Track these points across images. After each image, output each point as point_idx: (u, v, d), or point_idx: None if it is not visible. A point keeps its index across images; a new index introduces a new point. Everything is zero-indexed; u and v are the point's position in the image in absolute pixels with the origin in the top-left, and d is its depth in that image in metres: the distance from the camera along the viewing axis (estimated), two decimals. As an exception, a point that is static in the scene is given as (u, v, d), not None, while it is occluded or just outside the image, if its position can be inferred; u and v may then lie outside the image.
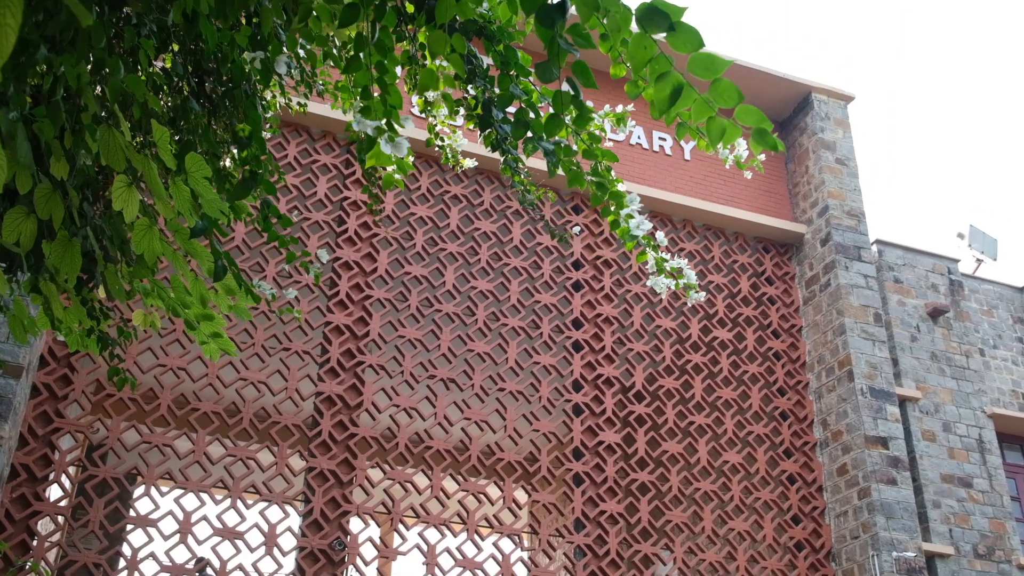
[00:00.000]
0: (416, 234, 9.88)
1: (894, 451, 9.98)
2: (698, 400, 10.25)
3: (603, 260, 10.57)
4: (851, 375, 10.27)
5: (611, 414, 9.78)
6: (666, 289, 4.55)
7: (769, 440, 10.34)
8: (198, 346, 8.93)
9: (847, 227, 11.15)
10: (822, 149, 11.54)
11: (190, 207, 2.76)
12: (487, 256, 10.09)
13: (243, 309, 4.52)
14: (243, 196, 3.35)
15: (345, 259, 9.51)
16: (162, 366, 8.45)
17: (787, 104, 12.05)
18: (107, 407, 8.19)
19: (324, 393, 8.87)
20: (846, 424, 10.17)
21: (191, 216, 2.82)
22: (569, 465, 9.39)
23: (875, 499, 9.59)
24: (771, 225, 11.30)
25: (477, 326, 9.70)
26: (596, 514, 9.27)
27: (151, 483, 7.94)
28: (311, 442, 8.70)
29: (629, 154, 11.22)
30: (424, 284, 9.76)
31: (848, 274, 10.85)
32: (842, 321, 10.56)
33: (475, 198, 10.34)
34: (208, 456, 8.36)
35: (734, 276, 11.18)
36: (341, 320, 9.20)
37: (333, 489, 8.55)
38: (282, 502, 8.37)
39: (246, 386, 8.65)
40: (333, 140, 9.98)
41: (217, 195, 2.80)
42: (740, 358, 10.71)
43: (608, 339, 10.13)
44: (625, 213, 4.44)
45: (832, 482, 10.16)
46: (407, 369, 9.25)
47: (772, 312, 11.11)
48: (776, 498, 10.03)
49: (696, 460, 9.92)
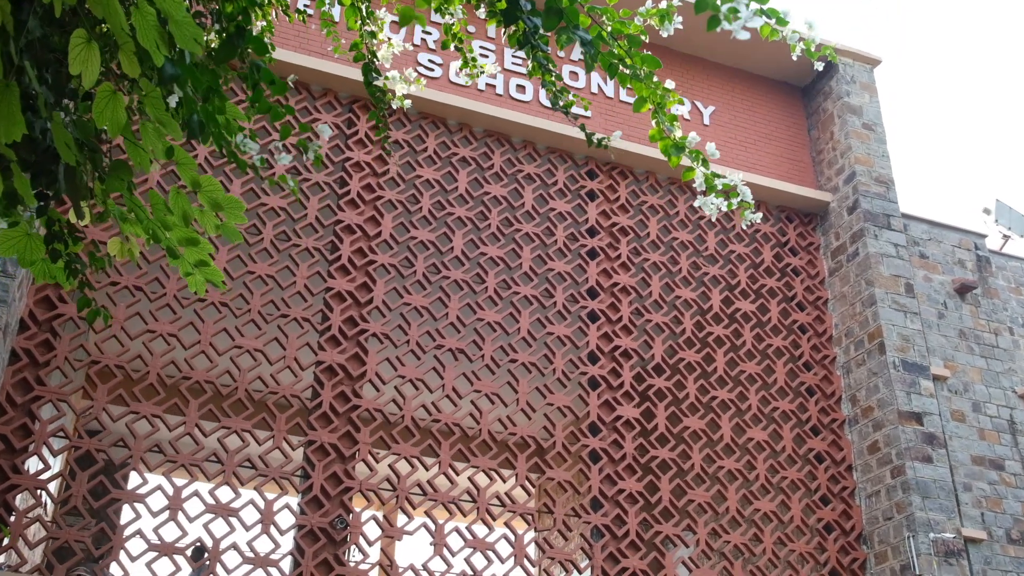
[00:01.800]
0: (423, 197, 9.32)
1: (929, 427, 9.41)
2: (721, 374, 9.68)
3: (619, 227, 10.00)
4: (882, 348, 9.70)
5: (629, 388, 9.22)
6: (716, 210, 3.98)
7: (795, 417, 9.77)
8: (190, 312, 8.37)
9: (876, 194, 10.58)
10: (848, 114, 10.97)
11: (157, 38, 2.20)
12: (497, 221, 9.52)
13: (232, 229, 3.95)
14: (229, 57, 2.77)
15: (347, 222, 8.94)
16: (151, 331, 7.88)
17: (810, 67, 11.47)
18: (92, 375, 7.63)
19: (325, 363, 8.31)
20: (877, 399, 9.60)
21: (158, 53, 2.26)
22: (585, 441, 8.82)
23: (910, 477, 9.02)
24: (795, 193, 10.73)
25: (487, 294, 9.14)
26: (614, 493, 8.70)
27: (138, 455, 7.37)
28: (311, 414, 8.13)
29: (645, 118, 10.64)
30: (431, 249, 9.19)
31: (878, 243, 10.27)
32: (872, 292, 9.98)
33: (485, 160, 9.77)
34: (200, 428, 7.79)
35: (756, 246, 10.61)
36: (343, 286, 8.64)
37: (334, 464, 7.98)
38: (280, 477, 7.80)
39: (241, 354, 8.08)
40: (335, 98, 9.41)
41: (190, 18, 2.23)
42: (764, 331, 10.14)
43: (625, 309, 9.56)
44: (670, 121, 3.86)
45: (863, 460, 9.59)
46: (413, 338, 8.68)
47: (796, 283, 10.54)
48: (804, 477, 9.45)
49: (719, 437, 9.35)
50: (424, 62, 9.79)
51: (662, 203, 10.30)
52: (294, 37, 9.39)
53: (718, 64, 11.36)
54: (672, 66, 11.08)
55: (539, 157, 10.02)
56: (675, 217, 10.33)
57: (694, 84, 11.12)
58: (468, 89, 9.86)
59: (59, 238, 4.00)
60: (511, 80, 10.10)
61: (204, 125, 2.58)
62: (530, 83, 10.18)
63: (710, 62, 11.30)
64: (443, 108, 9.58)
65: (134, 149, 3.83)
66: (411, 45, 9.83)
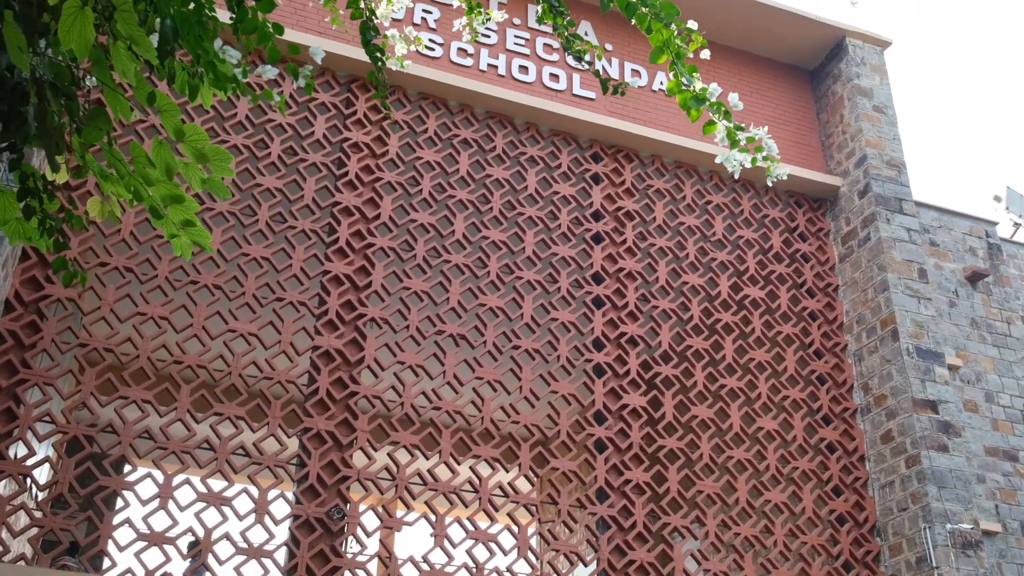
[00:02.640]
0: (423, 179, 9.04)
1: (944, 415, 9.13)
2: (729, 362, 9.40)
3: (625, 211, 9.72)
4: (895, 334, 9.42)
5: (635, 376, 8.94)
6: (739, 167, 3.70)
7: (806, 406, 9.49)
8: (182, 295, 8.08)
9: (887, 178, 10.30)
10: (858, 96, 10.69)
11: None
12: (500, 205, 9.24)
13: (218, 183, 3.68)
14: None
15: (345, 204, 8.65)
16: (142, 314, 7.60)
17: (818, 50, 11.20)
18: (79, 358, 7.34)
19: (321, 348, 8.03)
20: (891, 387, 9.32)
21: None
22: (591, 430, 8.54)
23: (925, 467, 8.74)
24: (804, 177, 10.45)
25: (489, 279, 8.86)
26: (621, 483, 8.42)
27: (127, 441, 7.08)
28: (307, 401, 7.85)
29: (652, 101, 10.38)
30: (432, 232, 8.91)
31: (890, 227, 10.00)
32: (884, 277, 9.71)
33: (487, 143, 9.49)
34: (192, 415, 7.51)
35: (765, 231, 10.33)
36: (340, 269, 8.35)
37: (331, 452, 7.70)
38: (274, 465, 7.51)
39: (235, 338, 7.79)
40: (332, 78, 9.13)
41: None
42: (773, 318, 9.86)
43: (631, 295, 9.28)
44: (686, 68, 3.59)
45: (876, 450, 9.31)
46: (413, 324, 8.40)
47: (806, 270, 10.26)
48: (815, 467, 9.17)
49: (728, 426, 9.07)
50: (425, 41, 9.49)
51: (668, 187, 10.03)
52: (291, 15, 9.12)
53: (725, 47, 11.09)
54: (678, 48, 10.79)
55: (542, 139, 9.74)
56: (682, 202, 10.05)
57: (701, 66, 10.82)
58: (470, 69, 9.59)
59: (33, 194, 3.72)
60: (513, 60, 9.83)
61: (178, 32, 2.30)
62: (533, 64, 9.90)
63: (717, 44, 11.03)
64: (444, 88, 9.30)
65: (113, 96, 3.55)
66: (411, 27, 9.56)
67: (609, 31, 10.53)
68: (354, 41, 9.24)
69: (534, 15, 10.23)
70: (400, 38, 4.88)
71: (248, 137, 8.58)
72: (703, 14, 10.65)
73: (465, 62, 9.59)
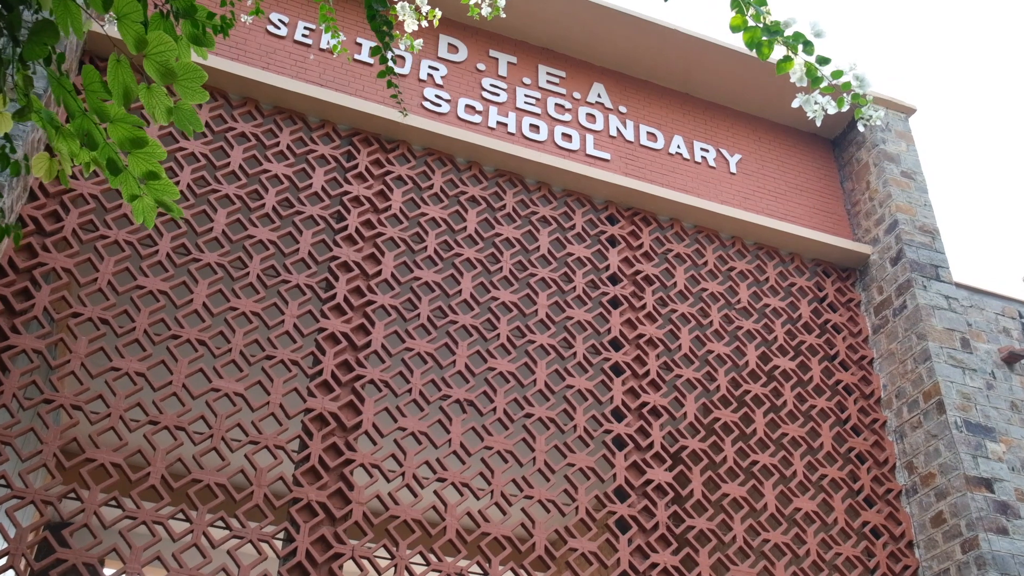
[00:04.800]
0: (427, 236, 8.41)
1: (1001, 495, 8.27)
2: (761, 437, 8.58)
3: (644, 275, 9.07)
4: (941, 407, 8.64)
5: (660, 448, 8.12)
6: (821, 112, 3.06)
7: (846, 486, 8.63)
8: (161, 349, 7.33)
9: (921, 244, 9.69)
10: (885, 161, 10.18)
11: None
12: (510, 265, 8.59)
13: (189, 112, 3.02)
14: None
15: (344, 259, 8.00)
16: (116, 369, 6.85)
17: (841, 117, 10.75)
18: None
19: (315, 411, 7.24)
20: (939, 465, 8.48)
21: None
22: (612, 507, 7.66)
23: (985, 551, 7.83)
24: (832, 244, 9.84)
25: (499, 342, 8.13)
26: (646, 567, 7.51)
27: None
28: (297, 468, 7.02)
29: (668, 164, 9.86)
30: (437, 292, 8.23)
31: (927, 294, 9.33)
32: (925, 346, 8.98)
33: (496, 201, 8.91)
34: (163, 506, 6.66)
35: (793, 300, 9.65)
36: (337, 327, 7.64)
37: (323, 527, 6.82)
38: (259, 540, 6.63)
39: (219, 398, 7.01)
40: (333, 130, 8.62)
41: None
42: (806, 391, 9.09)
43: (653, 363, 8.53)
44: None
45: (926, 535, 8.40)
46: (415, 387, 7.63)
47: (838, 341, 9.53)
48: (860, 554, 8.25)
49: (763, 506, 8.19)
50: (431, 97, 9.05)
51: (689, 252, 9.41)
52: (291, 66, 8.66)
53: (742, 113, 10.65)
54: (694, 112, 10.36)
55: (555, 199, 9.18)
56: (704, 267, 9.41)
57: (718, 131, 10.37)
58: (478, 126, 9.09)
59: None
60: (524, 119, 9.34)
61: None
62: (544, 123, 9.42)
63: (733, 111, 10.59)
64: (451, 143, 8.78)
65: (62, 4, 2.93)
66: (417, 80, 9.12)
67: (623, 94, 10.10)
68: (355, 91, 8.77)
69: (544, 76, 9.81)
70: (411, 10, 4.31)
71: (241, 187, 7.99)
72: (721, 80, 10.24)
73: (473, 119, 9.11)
